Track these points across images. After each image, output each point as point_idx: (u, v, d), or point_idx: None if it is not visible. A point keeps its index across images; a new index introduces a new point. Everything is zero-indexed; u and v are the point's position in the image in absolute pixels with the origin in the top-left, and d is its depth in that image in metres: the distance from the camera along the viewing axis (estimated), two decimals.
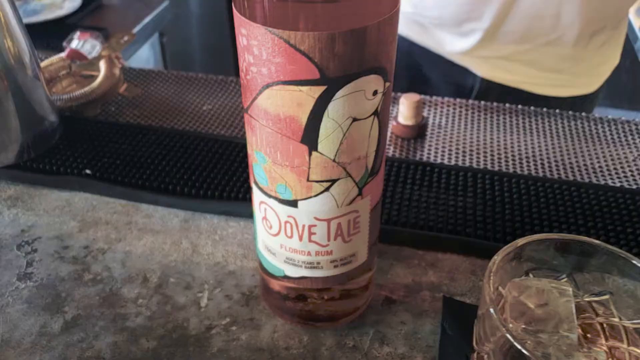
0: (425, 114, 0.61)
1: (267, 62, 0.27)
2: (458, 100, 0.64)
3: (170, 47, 1.61)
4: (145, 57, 1.34)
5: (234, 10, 0.28)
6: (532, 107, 0.63)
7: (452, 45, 0.82)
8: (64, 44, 0.69)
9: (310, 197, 0.32)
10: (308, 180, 0.31)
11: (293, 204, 0.32)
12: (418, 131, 0.58)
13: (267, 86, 0.28)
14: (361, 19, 0.26)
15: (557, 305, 0.31)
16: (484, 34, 0.77)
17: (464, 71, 0.83)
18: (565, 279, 0.33)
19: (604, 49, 0.83)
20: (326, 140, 0.29)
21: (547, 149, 0.56)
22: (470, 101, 0.64)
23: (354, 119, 0.29)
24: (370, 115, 0.30)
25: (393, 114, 0.60)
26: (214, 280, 0.44)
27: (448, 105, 0.63)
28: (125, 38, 0.70)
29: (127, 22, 1.22)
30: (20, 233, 0.48)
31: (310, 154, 0.30)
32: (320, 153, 0.30)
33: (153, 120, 0.61)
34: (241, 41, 0.28)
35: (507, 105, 0.63)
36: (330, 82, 0.27)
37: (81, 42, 0.71)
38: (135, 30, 1.21)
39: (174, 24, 1.64)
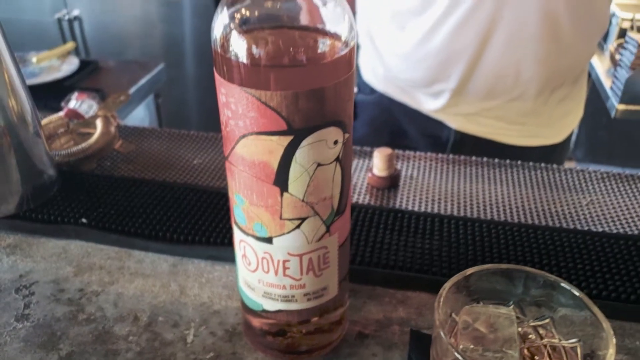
0: (398, 166, 0.66)
1: (242, 116, 0.32)
2: (429, 154, 0.70)
3: (166, 107, 1.68)
4: (140, 117, 1.41)
5: (215, 73, 0.33)
6: (495, 159, 0.68)
7: (426, 103, 0.89)
8: (62, 103, 0.75)
9: (284, 234, 0.36)
10: (281, 218, 0.35)
11: (268, 240, 0.37)
12: (391, 182, 0.63)
13: (243, 136, 0.33)
14: (320, 81, 0.31)
15: (504, 329, 0.35)
16: (452, 94, 0.84)
17: (440, 125, 0.89)
18: (512, 306, 0.37)
19: (565, 103, 0.90)
20: (295, 182, 0.34)
21: (508, 196, 0.61)
22: (440, 155, 0.69)
23: (319, 164, 0.34)
24: (333, 162, 0.34)
25: (369, 165, 0.65)
26: (200, 318, 0.47)
27: (419, 159, 0.69)
28: (121, 98, 0.76)
29: (123, 83, 1.29)
30: (18, 278, 0.51)
31: (282, 195, 0.34)
32: (291, 194, 0.34)
33: (146, 174, 0.65)
34: (221, 99, 0.33)
35: (473, 157, 0.68)
36: (296, 133, 0.32)
37: (79, 102, 0.76)
38: (131, 91, 1.27)
39: (169, 86, 1.72)
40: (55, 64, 1.32)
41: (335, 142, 0.34)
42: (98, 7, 2.28)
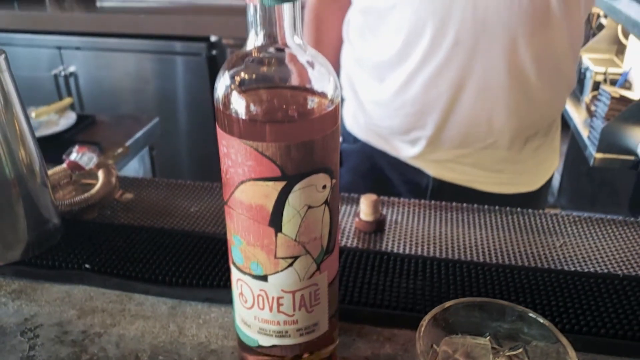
0: (384, 211, 0.70)
1: (241, 164, 0.36)
2: (412, 200, 0.74)
3: (159, 159, 1.72)
4: (135, 168, 1.44)
5: (217, 127, 0.37)
6: (475, 205, 0.72)
7: (405, 151, 0.94)
8: (64, 156, 0.79)
9: (278, 272, 0.40)
10: (275, 257, 0.39)
11: (264, 278, 0.40)
12: (377, 226, 0.67)
13: (242, 182, 0.37)
14: (310, 134, 0.36)
15: (480, 358, 0.39)
16: (428, 141, 0.89)
17: (419, 172, 0.94)
18: (488, 337, 0.41)
19: (539, 152, 0.95)
20: (288, 223, 0.38)
21: (486, 239, 0.65)
22: (423, 201, 0.74)
23: (309, 207, 0.38)
24: (322, 204, 0.38)
25: (356, 211, 0.69)
26: (198, 357, 0.50)
27: (403, 205, 0.73)
28: (120, 150, 0.80)
29: (119, 137, 1.33)
30: (23, 321, 0.54)
31: (276, 235, 0.38)
32: (284, 234, 0.38)
33: (145, 222, 0.69)
34: (222, 150, 0.37)
35: (454, 203, 0.73)
36: (289, 179, 0.36)
37: (79, 155, 0.80)
38: (127, 144, 1.31)
39: (162, 138, 1.77)
40: (53, 119, 1.37)
41: (324, 187, 0.38)
42: (93, 63, 2.35)
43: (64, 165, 0.74)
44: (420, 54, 0.82)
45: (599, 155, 1.96)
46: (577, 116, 2.28)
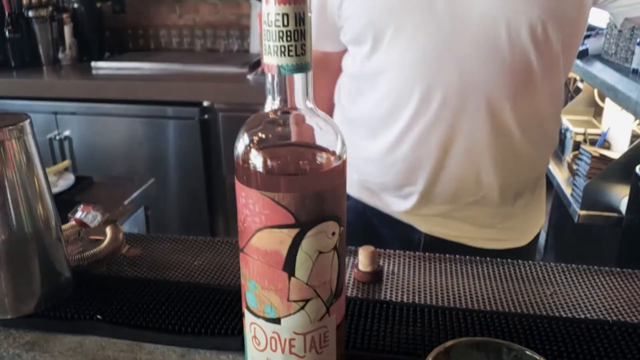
0: (381, 262, 0.74)
1: (259, 213, 0.40)
2: (407, 252, 0.77)
3: (152, 220, 1.74)
4: (129, 228, 1.47)
5: (236, 181, 0.41)
6: (467, 256, 0.76)
7: (397, 206, 0.97)
8: (69, 215, 0.82)
9: (290, 315, 0.42)
10: (288, 300, 0.42)
11: (277, 321, 0.43)
12: (375, 277, 0.70)
13: (259, 230, 0.40)
14: (321, 185, 0.40)
15: None
16: (420, 196, 0.93)
17: (410, 228, 0.98)
18: None
19: (527, 209, 1.00)
20: (301, 268, 0.41)
21: (480, 288, 0.68)
22: (417, 253, 0.77)
23: (320, 252, 0.41)
24: (331, 250, 0.42)
25: (354, 262, 0.72)
26: None
27: (399, 256, 0.76)
28: (127, 208, 0.83)
29: (116, 197, 1.36)
30: None
31: (289, 279, 0.41)
32: (297, 278, 0.41)
33: (151, 275, 0.71)
34: (240, 201, 0.41)
35: (447, 255, 0.76)
36: (303, 226, 0.40)
37: (84, 213, 0.83)
38: (116, 209, 1.34)
39: (154, 200, 1.80)
40: (52, 180, 1.40)
41: (333, 234, 0.41)
42: (87, 128, 2.41)
43: (73, 222, 0.77)
44: (409, 114, 0.88)
45: (583, 212, 2.02)
46: (560, 175, 2.36)
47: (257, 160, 0.40)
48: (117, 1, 2.60)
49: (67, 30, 2.56)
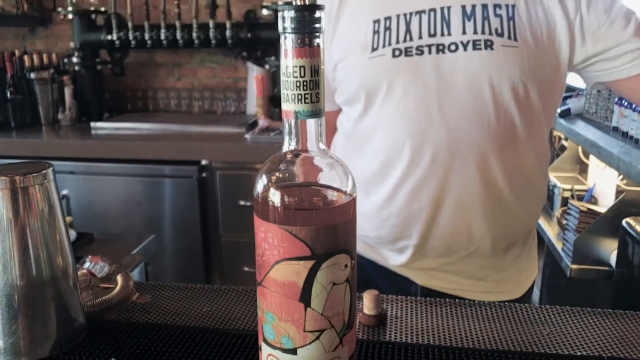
0: (384, 306, 0.76)
1: (277, 246, 0.43)
2: (409, 297, 0.80)
3: (152, 276, 1.75)
4: None
5: (255, 217, 0.45)
6: (466, 300, 0.79)
7: (393, 260, 1.01)
8: (78, 265, 0.84)
9: (306, 345, 0.45)
10: (304, 330, 0.45)
11: (293, 352, 0.45)
12: (380, 320, 0.72)
13: (277, 262, 0.44)
14: (334, 219, 0.43)
15: None
16: (415, 249, 0.96)
17: (407, 280, 1.00)
18: None
19: (519, 261, 1.03)
20: (316, 299, 0.44)
21: (481, 329, 0.71)
22: (418, 297, 0.80)
23: (334, 284, 0.44)
24: (344, 282, 0.45)
25: (359, 306, 0.75)
26: None
27: (401, 301, 0.79)
28: (133, 258, 0.85)
29: (118, 253, 1.38)
30: None
31: (305, 310, 0.44)
32: (313, 309, 0.44)
33: (162, 320, 0.73)
34: (259, 235, 0.44)
35: (447, 299, 0.79)
36: (318, 258, 0.43)
37: (92, 264, 0.86)
38: (124, 260, 1.36)
39: (154, 256, 1.81)
40: None
41: (346, 266, 0.45)
42: (85, 187, 2.44)
43: (85, 270, 0.79)
44: (401, 170, 0.92)
45: (575, 266, 2.05)
46: (551, 230, 2.40)
47: (275, 197, 0.44)
48: (117, 64, 2.69)
49: (68, 91, 2.63)
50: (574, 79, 2.67)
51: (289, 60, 0.42)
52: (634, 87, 0.91)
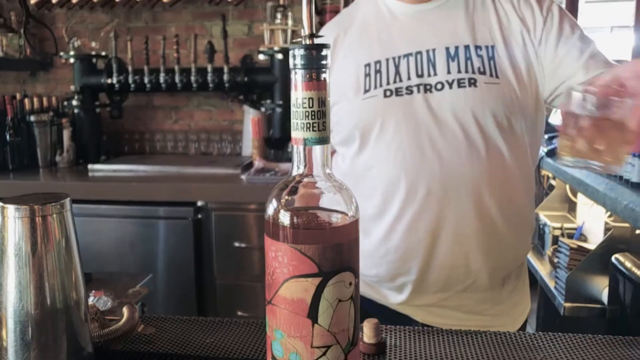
0: (383, 335, 0.78)
1: (287, 264, 0.46)
2: (407, 327, 0.82)
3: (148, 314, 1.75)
4: None
5: (266, 237, 0.48)
6: (462, 328, 0.81)
7: (393, 298, 1.03)
8: None
9: None
10: (312, 346, 0.47)
11: None
12: (380, 348, 0.74)
13: (286, 280, 0.46)
14: (339, 238, 0.47)
15: None
16: (414, 286, 0.99)
17: (406, 318, 1.02)
18: None
19: (514, 294, 1.06)
20: (323, 315, 0.47)
21: (477, 355, 0.73)
22: (416, 327, 0.82)
23: (340, 300, 0.47)
24: (349, 299, 0.48)
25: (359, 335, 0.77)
26: None
27: (400, 330, 0.81)
28: (140, 292, 0.88)
29: (117, 291, 1.39)
30: None
31: (313, 326, 0.47)
32: (320, 325, 0.47)
33: (167, 351, 0.75)
34: (270, 255, 0.48)
35: (444, 329, 0.81)
36: (325, 275, 0.46)
37: (96, 299, 0.88)
38: (128, 292, 1.37)
39: (149, 295, 1.81)
40: None
41: (350, 284, 0.48)
42: (80, 229, 2.42)
43: (91, 302, 0.81)
44: (398, 206, 0.96)
45: (568, 305, 2.07)
46: (543, 269, 2.43)
47: (285, 218, 0.47)
48: (115, 107, 2.74)
49: (66, 134, 2.67)
50: (560, 119, 2.75)
51: (298, 93, 0.46)
52: None
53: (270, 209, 0.48)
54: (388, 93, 0.96)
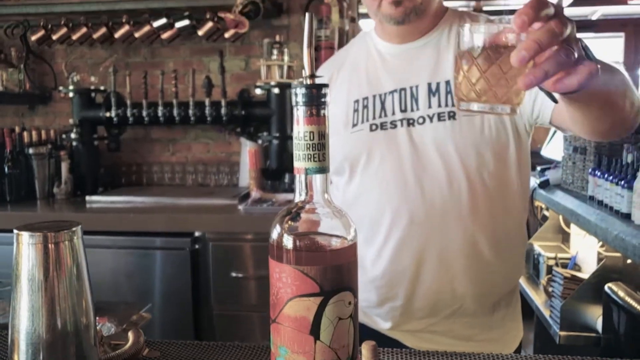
0: (381, 357, 0.81)
1: (290, 285, 0.49)
2: (403, 349, 0.85)
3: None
4: None
5: (270, 260, 0.52)
6: (455, 351, 0.84)
7: (382, 323, 1.06)
8: None
9: None
10: None
11: None
12: None
13: (290, 299, 0.50)
14: (339, 260, 0.50)
15: None
16: (401, 311, 1.02)
17: (397, 343, 1.05)
18: None
19: (506, 321, 1.09)
20: (324, 332, 0.50)
21: None
22: (412, 349, 0.85)
23: (340, 318, 0.50)
24: (348, 317, 0.51)
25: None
26: None
27: (396, 353, 0.84)
28: (144, 316, 0.90)
29: (118, 318, 1.40)
30: None
31: (315, 342, 0.50)
32: (321, 341, 0.50)
33: None
34: (274, 276, 0.51)
35: (437, 350, 0.84)
36: (326, 294, 0.49)
37: (100, 325, 0.90)
38: (133, 317, 1.38)
39: (146, 326, 1.82)
40: None
41: (350, 303, 0.51)
42: None
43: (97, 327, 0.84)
44: (383, 234, 1.01)
45: (564, 333, 2.09)
46: (538, 298, 2.45)
47: (288, 242, 0.50)
48: (113, 140, 2.79)
49: (64, 166, 2.71)
50: (552, 152, 2.81)
51: (300, 127, 0.51)
52: (557, 116, 0.96)
53: (275, 234, 0.52)
54: (374, 127, 1.02)
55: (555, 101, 0.71)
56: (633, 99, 0.82)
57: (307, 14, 0.51)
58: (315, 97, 0.50)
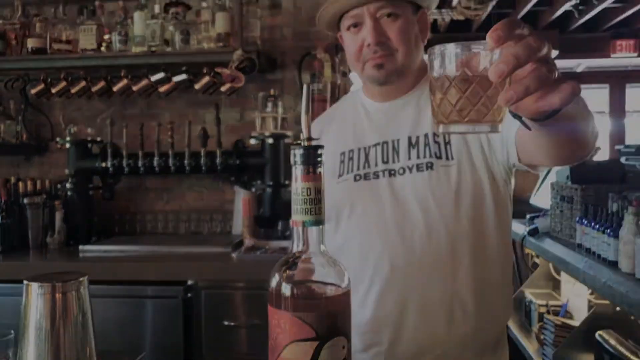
0: None
1: (288, 330, 0.53)
2: None
3: None
4: None
5: (269, 307, 0.55)
6: None
7: None
8: None
9: None
10: None
11: None
12: None
13: (287, 344, 0.53)
14: (334, 307, 0.54)
15: None
16: (385, 356, 1.04)
17: None
18: None
19: None
20: None
21: None
22: None
23: None
24: None
25: None
26: None
27: None
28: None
29: None
30: None
31: None
32: None
33: None
34: (273, 322, 0.54)
35: None
36: (321, 339, 0.52)
37: None
38: None
39: None
40: None
41: (344, 347, 0.54)
42: None
43: None
44: (368, 280, 1.04)
45: None
46: (530, 346, 2.46)
47: (286, 290, 0.54)
48: (107, 189, 2.82)
49: (58, 216, 2.72)
50: (540, 200, 2.86)
51: (298, 184, 0.55)
52: (521, 146, 0.96)
53: (273, 282, 0.56)
54: (357, 177, 1.08)
55: (529, 128, 0.67)
56: (594, 124, 0.83)
57: (304, 86, 0.56)
58: (312, 157, 0.55)
